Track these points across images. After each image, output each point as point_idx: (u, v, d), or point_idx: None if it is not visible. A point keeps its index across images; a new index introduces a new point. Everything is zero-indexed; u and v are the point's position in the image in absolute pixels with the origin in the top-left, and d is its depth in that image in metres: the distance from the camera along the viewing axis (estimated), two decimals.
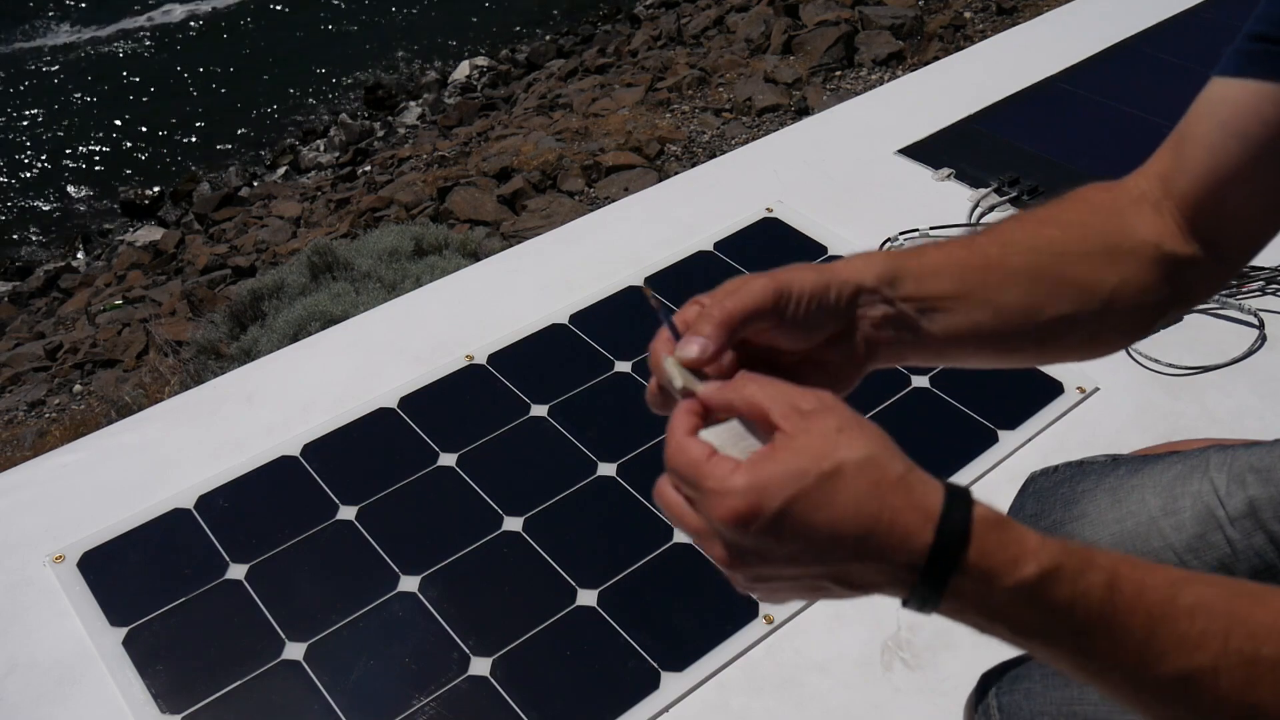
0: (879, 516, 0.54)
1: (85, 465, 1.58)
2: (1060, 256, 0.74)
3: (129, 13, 10.26)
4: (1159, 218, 0.78)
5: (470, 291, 1.88)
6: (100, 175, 8.19)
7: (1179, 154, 0.79)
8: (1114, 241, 0.76)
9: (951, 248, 0.73)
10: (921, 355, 0.72)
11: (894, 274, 0.69)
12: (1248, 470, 0.88)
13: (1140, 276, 0.76)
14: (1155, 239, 0.77)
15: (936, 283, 0.70)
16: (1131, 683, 0.55)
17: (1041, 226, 0.76)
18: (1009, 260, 0.73)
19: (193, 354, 3.29)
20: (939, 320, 0.70)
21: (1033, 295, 0.73)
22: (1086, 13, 2.61)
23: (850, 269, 0.68)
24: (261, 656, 1.31)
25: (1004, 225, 0.76)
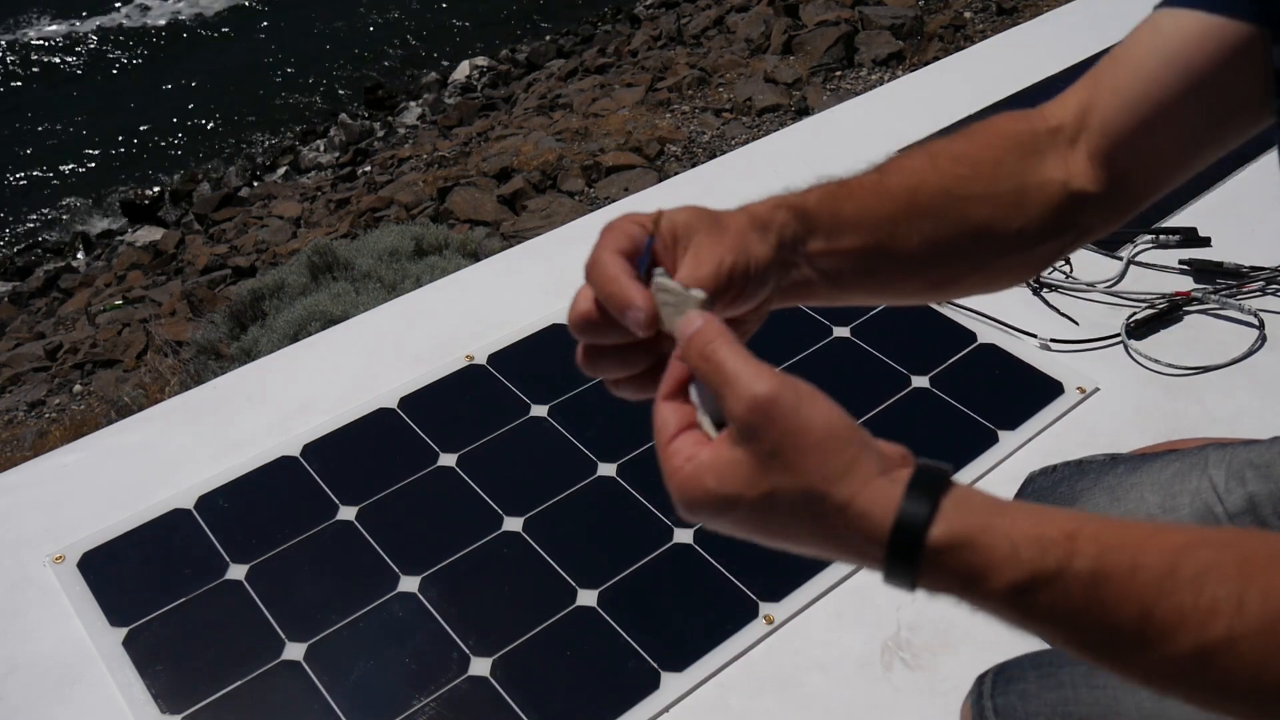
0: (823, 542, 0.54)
1: (85, 465, 1.58)
2: (967, 200, 0.73)
3: (129, 12, 10.26)
4: (1071, 153, 0.77)
5: (470, 291, 1.88)
6: (100, 175, 8.19)
7: (1107, 80, 0.78)
8: (1022, 181, 0.75)
9: (862, 195, 0.70)
10: (816, 299, 0.71)
11: (805, 234, 0.67)
12: (1247, 467, 0.88)
13: (1044, 217, 0.75)
14: (1064, 177, 0.76)
15: (846, 238, 0.68)
16: (1141, 669, 0.52)
17: (954, 165, 0.74)
18: (917, 205, 0.71)
19: (193, 354, 3.29)
20: (840, 272, 0.69)
21: (935, 241, 0.72)
22: (1086, 13, 2.61)
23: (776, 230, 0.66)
24: (261, 657, 1.31)
25: (916, 163, 0.73)
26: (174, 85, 9.30)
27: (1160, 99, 0.75)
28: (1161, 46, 0.76)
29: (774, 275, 0.65)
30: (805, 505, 0.53)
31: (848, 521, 0.53)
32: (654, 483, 1.50)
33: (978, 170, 0.74)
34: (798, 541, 0.55)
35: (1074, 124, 0.78)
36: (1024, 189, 0.74)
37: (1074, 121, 0.78)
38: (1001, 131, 0.77)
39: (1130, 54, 0.78)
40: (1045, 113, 0.79)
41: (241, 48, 9.76)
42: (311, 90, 8.93)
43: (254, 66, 9.45)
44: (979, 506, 0.52)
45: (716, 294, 0.61)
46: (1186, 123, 0.75)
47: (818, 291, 0.69)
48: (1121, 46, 0.79)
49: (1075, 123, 0.78)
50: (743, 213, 0.66)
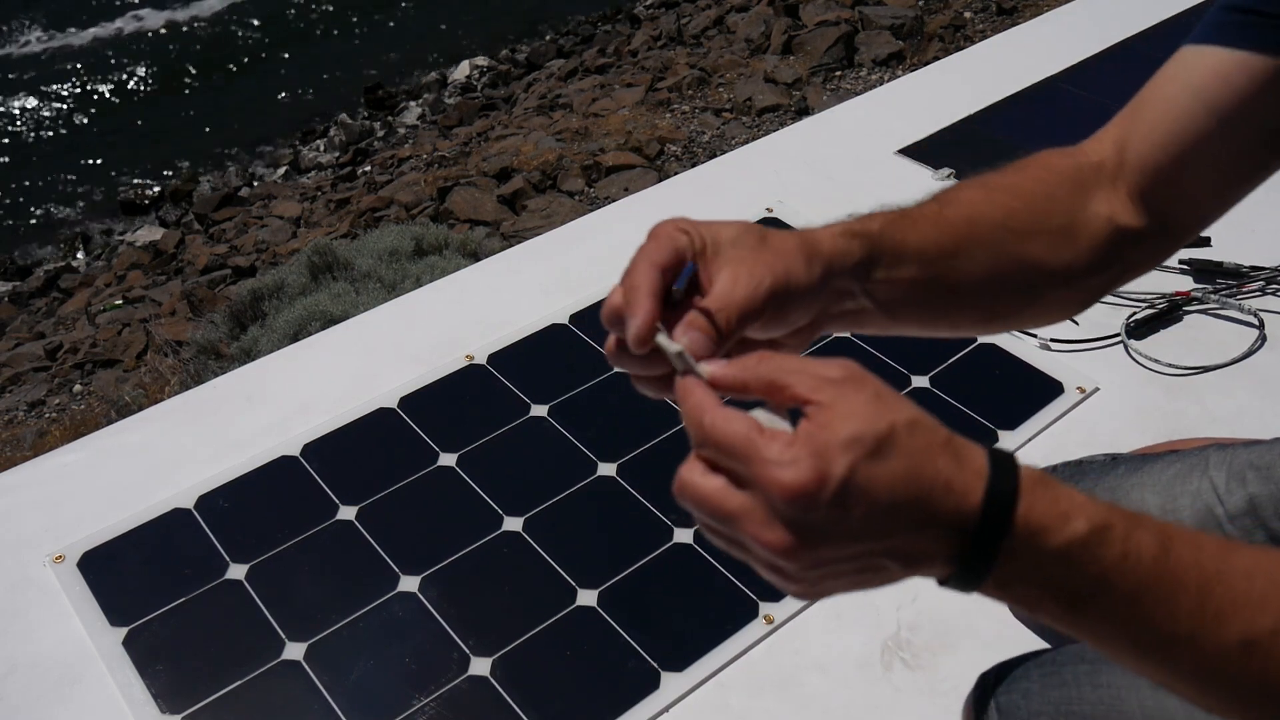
0: (935, 478, 0.51)
1: (85, 465, 1.58)
2: (1021, 234, 0.74)
3: (129, 12, 10.26)
4: (1114, 190, 0.78)
5: (470, 291, 1.88)
6: (100, 175, 8.19)
7: (1139, 120, 0.79)
8: (1072, 218, 0.76)
9: (924, 226, 0.71)
10: (869, 328, 0.71)
11: (869, 261, 0.67)
12: (1247, 468, 0.88)
13: (1092, 252, 0.76)
14: (1109, 213, 0.77)
15: (907, 268, 0.69)
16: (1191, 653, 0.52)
17: (1009, 199, 0.75)
18: (974, 237, 0.72)
19: (193, 354, 3.29)
20: (897, 302, 0.69)
21: (991, 275, 0.73)
22: (1086, 13, 2.61)
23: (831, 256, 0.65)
24: (261, 656, 1.31)
25: (972, 194, 0.74)
26: (174, 85, 9.29)
27: (1193, 137, 0.76)
28: (1191, 84, 0.77)
29: (819, 303, 0.65)
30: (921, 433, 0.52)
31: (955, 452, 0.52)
32: (654, 483, 1.50)
33: (1031, 204, 0.75)
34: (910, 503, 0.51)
35: (1114, 161, 0.79)
36: (1074, 224, 0.76)
37: (1113, 158, 0.79)
38: (1050, 166, 0.78)
39: (1161, 92, 0.79)
40: (1087, 149, 0.81)
41: (241, 48, 9.76)
42: (311, 90, 8.93)
43: (254, 66, 9.45)
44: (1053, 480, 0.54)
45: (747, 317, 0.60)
46: (1222, 158, 0.76)
47: (872, 320, 0.70)
48: (1152, 84, 0.80)
49: (1115, 160, 0.79)
50: (795, 236, 0.65)
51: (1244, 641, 0.51)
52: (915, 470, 0.51)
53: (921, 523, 0.52)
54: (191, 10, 10.32)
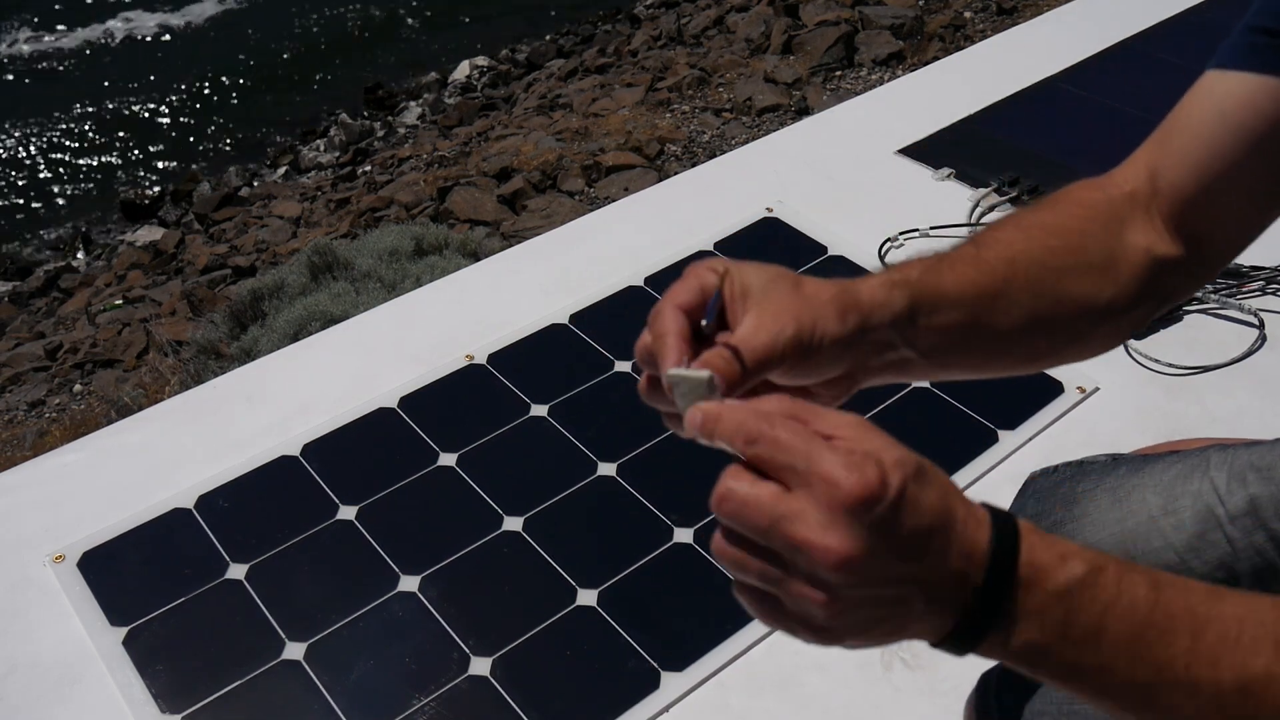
0: (955, 511, 0.54)
1: (85, 465, 1.58)
2: (1061, 271, 0.73)
3: (129, 12, 10.26)
4: (1148, 219, 0.78)
5: (470, 291, 1.88)
6: (100, 175, 8.19)
7: (1168, 147, 0.79)
8: (1110, 252, 0.76)
9: (963, 269, 0.70)
10: (916, 376, 0.71)
11: (912, 310, 0.67)
12: (1248, 468, 0.88)
13: (1133, 285, 0.76)
14: (1146, 244, 0.77)
15: (948, 315, 0.69)
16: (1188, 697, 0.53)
17: (1046, 237, 0.74)
18: (1015, 279, 0.71)
19: (193, 354, 3.29)
20: (940, 349, 0.69)
21: (1033, 315, 0.72)
22: (1086, 13, 2.61)
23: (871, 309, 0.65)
24: (261, 656, 1.31)
25: (1009, 235, 0.74)
26: (174, 85, 9.29)
27: (1224, 164, 0.76)
28: (1218, 111, 0.76)
29: (853, 355, 0.65)
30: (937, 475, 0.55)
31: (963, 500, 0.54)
32: (654, 483, 1.50)
33: (1068, 241, 0.75)
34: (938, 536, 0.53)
35: (1146, 190, 0.79)
36: (1112, 258, 0.75)
37: (1146, 187, 0.79)
38: (1083, 201, 0.78)
39: (1189, 119, 0.78)
40: (1117, 179, 0.80)
41: (241, 48, 9.76)
42: (311, 90, 8.93)
43: (253, 66, 9.45)
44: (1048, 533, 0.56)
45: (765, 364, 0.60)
46: (1254, 183, 0.76)
47: (916, 369, 0.70)
48: (1178, 111, 0.80)
49: (1147, 189, 0.79)
50: (833, 287, 0.64)
51: (1239, 684, 0.52)
52: (945, 500, 0.53)
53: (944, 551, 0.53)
54: (192, 10, 10.32)
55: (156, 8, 10.32)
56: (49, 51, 9.88)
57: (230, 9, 10.29)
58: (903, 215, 1.93)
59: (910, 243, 1.88)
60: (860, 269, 1.84)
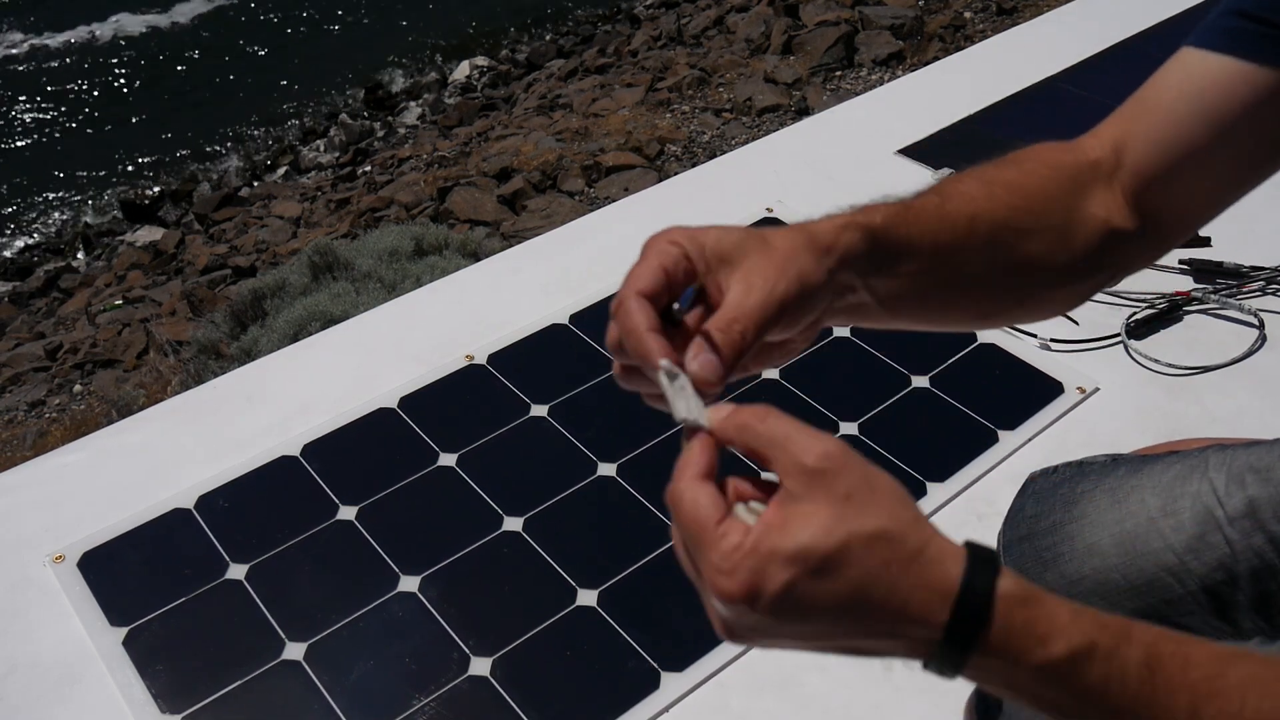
0: (889, 599, 0.50)
1: (85, 465, 1.58)
2: (1020, 232, 0.73)
3: (129, 11, 10.26)
4: (1109, 190, 0.77)
5: (470, 291, 1.88)
6: (100, 175, 8.19)
7: (1139, 121, 0.78)
8: (1070, 217, 0.75)
9: (926, 220, 0.69)
10: (867, 322, 0.70)
11: (870, 254, 0.65)
12: (1247, 470, 0.88)
13: (1088, 253, 0.75)
14: (1105, 215, 0.76)
15: (909, 263, 0.67)
16: None
17: (1009, 195, 0.73)
18: (975, 234, 0.71)
19: (193, 354, 3.29)
20: (896, 296, 0.68)
21: (989, 272, 0.72)
22: (1086, 13, 2.61)
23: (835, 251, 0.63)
24: (261, 656, 1.31)
25: (972, 189, 0.73)
26: (175, 85, 9.29)
27: (1191, 145, 0.75)
28: (1191, 91, 0.76)
29: (826, 298, 0.63)
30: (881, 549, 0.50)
31: (920, 570, 0.51)
32: (654, 483, 1.50)
33: (1030, 202, 0.74)
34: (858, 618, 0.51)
35: (1110, 161, 0.78)
36: (1070, 224, 0.75)
37: (1110, 158, 0.78)
38: (1049, 162, 0.77)
39: (1160, 96, 0.78)
40: (1084, 145, 0.79)
41: (241, 48, 9.76)
42: (311, 90, 8.93)
43: (253, 66, 9.45)
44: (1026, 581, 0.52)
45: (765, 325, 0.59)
46: (1220, 166, 0.76)
47: (870, 314, 0.68)
48: (1151, 85, 0.79)
49: (1111, 160, 0.78)
50: (798, 232, 0.63)
51: None
52: (864, 591, 0.50)
53: (874, 633, 0.51)
54: (193, 10, 10.32)
55: (157, 8, 10.32)
56: (48, 52, 9.89)
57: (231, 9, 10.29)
58: None
59: None
60: None
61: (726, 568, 0.50)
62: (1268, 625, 0.85)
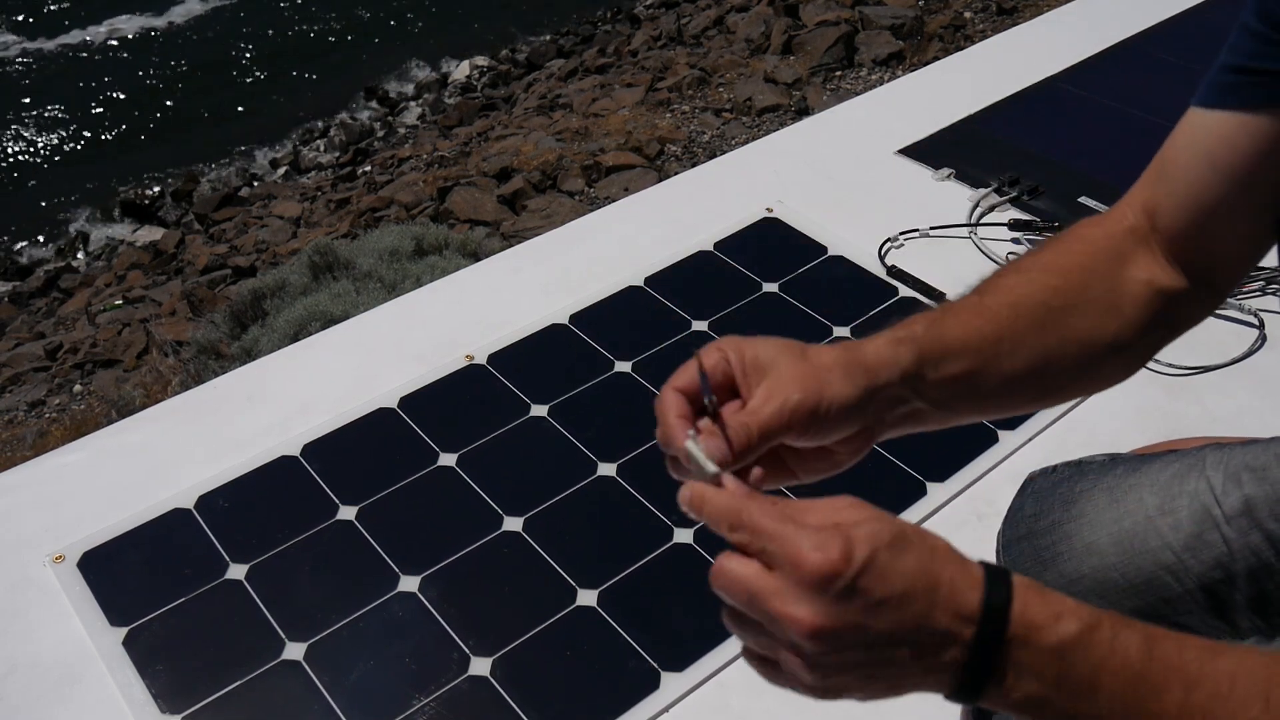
0: (942, 574, 0.55)
1: (85, 465, 1.58)
2: (1064, 310, 0.75)
3: (129, 12, 10.26)
4: (1150, 254, 0.79)
5: (470, 291, 1.88)
6: (100, 175, 8.19)
7: (1160, 185, 0.80)
8: (1113, 287, 0.77)
9: (968, 317, 0.73)
10: (929, 426, 0.73)
11: (919, 366, 0.69)
12: (1243, 469, 0.88)
13: (1138, 319, 0.77)
14: (1148, 277, 0.78)
15: (955, 365, 0.71)
16: None
17: (1048, 277, 0.76)
18: (1019, 322, 0.73)
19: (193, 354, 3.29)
20: (951, 397, 0.71)
21: (1040, 355, 0.74)
22: (1086, 13, 2.61)
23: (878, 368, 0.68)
24: (261, 656, 1.31)
25: (1010, 280, 0.76)
26: (174, 85, 9.29)
27: (1212, 201, 0.77)
28: (1200, 149, 0.78)
29: (865, 414, 0.67)
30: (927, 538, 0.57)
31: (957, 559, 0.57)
32: (654, 483, 1.50)
33: (1069, 280, 0.76)
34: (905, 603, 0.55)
35: (1144, 225, 0.80)
36: (1115, 293, 0.77)
37: (1143, 222, 0.80)
38: (1084, 238, 0.80)
39: (1176, 158, 0.80)
40: (1117, 215, 0.82)
41: (241, 47, 9.76)
42: (311, 90, 8.93)
43: (253, 66, 9.45)
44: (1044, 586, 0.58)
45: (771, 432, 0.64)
46: (1244, 215, 0.77)
47: (929, 418, 0.72)
48: (1167, 147, 0.81)
49: (1145, 223, 0.80)
50: (837, 351, 0.68)
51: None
52: (926, 566, 0.55)
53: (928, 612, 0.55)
54: (193, 11, 10.32)
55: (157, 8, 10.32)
56: (48, 52, 9.89)
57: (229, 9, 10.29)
58: (903, 215, 1.93)
59: (911, 243, 1.88)
60: (860, 269, 1.84)
61: (817, 542, 0.55)
62: (1265, 624, 0.86)
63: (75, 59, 9.75)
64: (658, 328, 1.73)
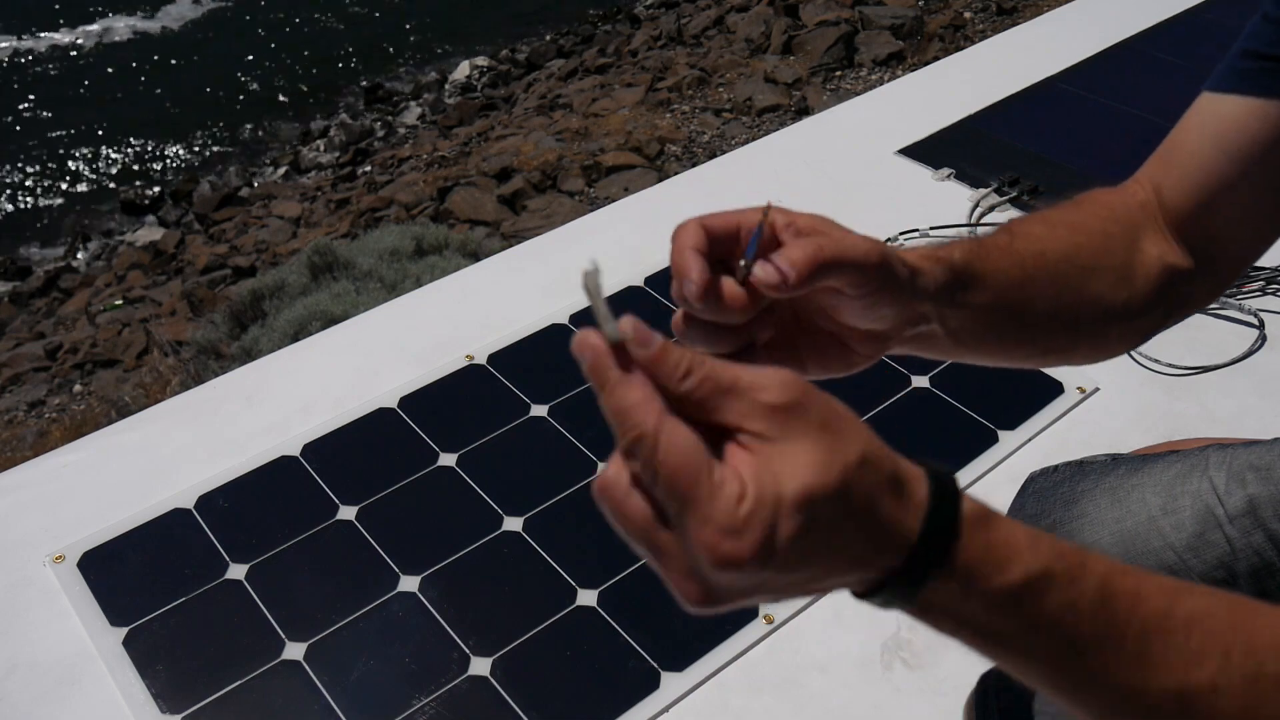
0: (876, 519, 0.48)
1: (85, 465, 1.58)
2: (1086, 271, 0.75)
3: (130, 12, 10.27)
4: (1159, 230, 0.80)
5: (470, 291, 1.88)
6: (100, 175, 8.19)
7: (1169, 167, 0.81)
8: (1129, 256, 0.78)
9: (998, 256, 0.72)
10: (933, 353, 0.72)
11: (951, 285, 0.68)
12: (1247, 469, 0.88)
13: (1147, 290, 0.78)
14: (1159, 253, 0.79)
15: (982, 295, 0.70)
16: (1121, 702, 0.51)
17: (1073, 234, 0.76)
18: (1043, 270, 0.73)
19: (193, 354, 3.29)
20: (967, 329, 0.70)
21: (1056, 307, 0.74)
22: (1086, 13, 2.61)
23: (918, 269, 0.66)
24: (261, 656, 1.31)
25: (1038, 229, 0.76)
26: (175, 85, 9.30)
27: (1220, 184, 0.78)
28: (1211, 132, 0.79)
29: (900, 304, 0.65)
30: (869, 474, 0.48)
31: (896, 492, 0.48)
32: None
33: (1092, 240, 0.77)
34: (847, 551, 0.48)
35: (1153, 202, 0.81)
36: (1130, 262, 0.77)
37: (1152, 200, 0.81)
38: (1105, 204, 0.80)
39: (1186, 139, 0.81)
40: (1130, 189, 0.82)
41: (241, 48, 9.76)
42: (311, 91, 8.93)
43: (254, 66, 9.45)
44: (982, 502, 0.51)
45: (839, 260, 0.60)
46: (1251, 201, 0.78)
47: (938, 345, 0.70)
48: (1178, 131, 0.82)
49: (1154, 201, 0.81)
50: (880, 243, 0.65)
51: (1179, 695, 0.50)
52: (861, 517, 0.47)
53: (852, 563, 0.48)
54: (193, 10, 10.32)
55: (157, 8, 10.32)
56: (48, 53, 9.88)
57: (232, 9, 10.29)
58: (903, 215, 1.93)
59: (911, 243, 1.88)
60: None
61: (736, 525, 0.45)
62: None
63: (71, 60, 9.75)
64: (658, 328, 1.72)
